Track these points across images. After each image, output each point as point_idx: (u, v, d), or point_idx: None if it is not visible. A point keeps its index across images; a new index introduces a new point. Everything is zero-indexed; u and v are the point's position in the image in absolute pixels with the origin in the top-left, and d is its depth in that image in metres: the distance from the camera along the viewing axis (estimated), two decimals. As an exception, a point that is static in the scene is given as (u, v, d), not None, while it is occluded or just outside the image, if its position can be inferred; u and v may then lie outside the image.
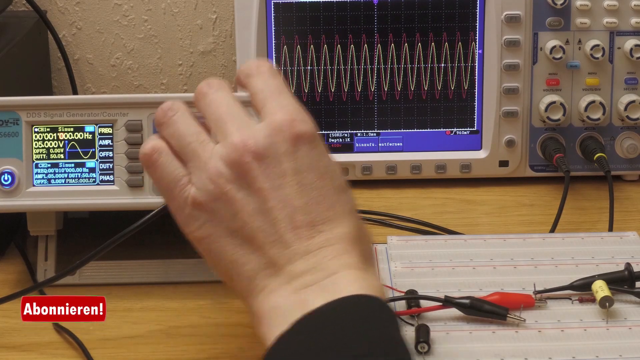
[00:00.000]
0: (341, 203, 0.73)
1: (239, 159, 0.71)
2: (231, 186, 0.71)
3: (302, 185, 0.71)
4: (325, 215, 0.71)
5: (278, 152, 0.72)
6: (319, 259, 0.70)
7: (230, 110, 0.75)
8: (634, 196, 1.15)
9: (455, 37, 1.16)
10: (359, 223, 0.74)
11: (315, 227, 0.71)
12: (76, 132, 0.94)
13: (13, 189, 0.93)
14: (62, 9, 1.32)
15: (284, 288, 0.69)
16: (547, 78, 1.15)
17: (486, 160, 1.17)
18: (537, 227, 1.08)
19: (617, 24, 1.14)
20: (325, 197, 0.72)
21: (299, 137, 0.72)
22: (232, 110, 0.75)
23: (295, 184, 0.71)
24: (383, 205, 1.13)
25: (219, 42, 1.34)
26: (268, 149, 0.72)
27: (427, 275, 0.90)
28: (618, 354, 0.78)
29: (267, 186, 0.71)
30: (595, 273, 0.86)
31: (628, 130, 1.16)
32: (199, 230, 0.73)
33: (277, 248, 0.70)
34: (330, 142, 1.18)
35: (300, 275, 0.69)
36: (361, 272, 0.70)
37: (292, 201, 0.71)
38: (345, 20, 1.15)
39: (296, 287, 0.68)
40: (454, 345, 0.79)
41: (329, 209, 0.72)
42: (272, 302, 0.69)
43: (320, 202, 0.72)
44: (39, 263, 0.97)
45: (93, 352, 0.84)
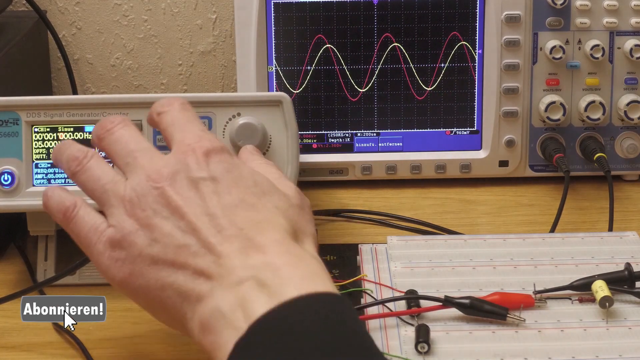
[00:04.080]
0: (263, 202, 0.71)
1: (153, 185, 0.71)
2: (147, 213, 0.71)
3: (217, 194, 0.71)
4: (245, 215, 0.70)
5: (189, 168, 0.72)
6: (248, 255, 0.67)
7: (140, 146, 0.75)
8: (633, 196, 1.15)
9: (455, 37, 1.16)
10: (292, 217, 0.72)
11: (236, 226, 0.69)
12: (76, 132, 0.94)
13: (13, 189, 0.93)
14: (62, 9, 1.32)
15: (218, 290, 0.66)
16: (547, 78, 1.15)
17: (486, 160, 1.17)
18: (537, 227, 1.08)
19: (617, 24, 1.14)
20: (243, 200, 0.71)
21: (208, 152, 0.73)
22: (141, 145, 0.75)
23: (210, 193, 0.71)
24: (383, 205, 1.13)
25: (218, 42, 1.34)
26: (179, 170, 0.72)
27: (427, 275, 0.90)
28: (618, 354, 0.78)
29: (182, 202, 0.70)
30: (595, 273, 0.86)
31: (628, 130, 1.16)
32: (121, 270, 0.71)
33: (202, 256, 0.68)
34: (330, 142, 1.18)
35: (231, 273, 0.67)
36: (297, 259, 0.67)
37: (209, 209, 0.70)
38: (345, 20, 1.15)
39: (230, 284, 0.66)
40: (454, 345, 0.79)
41: (249, 208, 0.71)
42: (211, 306, 0.66)
43: (238, 205, 0.70)
44: (38, 263, 0.97)
45: (93, 352, 0.84)
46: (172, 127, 0.76)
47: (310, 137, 1.18)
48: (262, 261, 0.66)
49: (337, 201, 1.15)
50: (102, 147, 0.77)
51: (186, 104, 0.79)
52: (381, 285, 0.89)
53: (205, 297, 0.67)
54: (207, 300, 0.67)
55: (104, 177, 0.74)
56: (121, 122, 0.77)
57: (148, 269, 0.70)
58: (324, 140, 1.18)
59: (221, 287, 0.66)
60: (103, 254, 0.72)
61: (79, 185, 0.76)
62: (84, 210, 0.75)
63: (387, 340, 0.81)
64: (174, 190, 0.71)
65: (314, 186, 1.17)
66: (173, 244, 0.69)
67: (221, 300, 0.65)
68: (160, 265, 0.70)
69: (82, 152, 0.77)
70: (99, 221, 0.74)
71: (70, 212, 0.75)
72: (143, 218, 0.71)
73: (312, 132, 1.18)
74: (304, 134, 1.17)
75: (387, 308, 0.85)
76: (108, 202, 0.73)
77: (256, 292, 0.64)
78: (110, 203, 0.73)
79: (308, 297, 0.63)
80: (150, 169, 0.72)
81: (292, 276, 0.65)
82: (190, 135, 0.74)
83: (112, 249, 0.72)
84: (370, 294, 0.88)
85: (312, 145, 1.18)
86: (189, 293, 0.68)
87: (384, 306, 0.85)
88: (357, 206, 1.13)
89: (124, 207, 0.72)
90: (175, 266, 0.69)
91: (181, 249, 0.69)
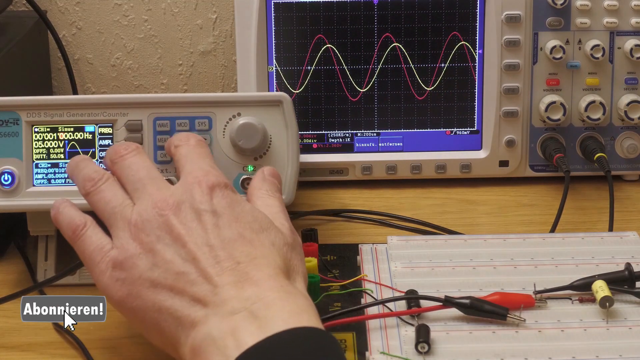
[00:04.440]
0: (260, 239, 0.75)
1: (159, 212, 0.75)
2: (150, 239, 0.75)
3: (218, 227, 0.75)
4: (243, 249, 0.74)
5: (194, 200, 0.76)
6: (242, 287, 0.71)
7: (150, 174, 0.80)
8: (634, 196, 1.15)
9: (456, 37, 1.16)
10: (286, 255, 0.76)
11: (234, 259, 0.73)
12: (76, 132, 0.94)
13: (13, 189, 0.93)
14: (62, 8, 1.32)
15: (212, 318, 0.70)
16: (547, 78, 1.15)
17: (486, 160, 1.17)
18: (537, 227, 1.08)
19: (617, 24, 1.14)
20: (242, 235, 0.75)
21: (213, 187, 0.77)
22: (152, 174, 0.80)
23: (211, 225, 0.75)
24: (383, 205, 1.13)
25: (219, 42, 1.34)
26: (184, 199, 0.76)
27: (427, 275, 0.90)
28: (618, 354, 0.78)
29: (184, 232, 0.74)
30: (595, 273, 0.86)
31: (628, 130, 1.16)
32: (121, 289, 0.75)
33: (199, 284, 0.72)
34: (330, 142, 1.18)
35: (225, 303, 0.70)
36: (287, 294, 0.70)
37: (210, 241, 0.74)
38: (346, 20, 1.15)
39: (224, 314, 0.69)
40: (454, 345, 0.79)
41: (247, 244, 0.74)
42: (204, 332, 0.69)
43: (237, 239, 0.74)
44: (39, 263, 0.97)
45: (93, 352, 0.84)
46: (184, 159, 0.81)
47: (310, 137, 1.18)
48: (255, 295, 0.70)
49: (337, 201, 1.15)
50: (114, 171, 0.82)
51: (202, 141, 0.85)
52: (381, 285, 0.89)
53: (200, 323, 0.70)
54: (201, 327, 0.70)
55: (114, 200, 0.79)
56: (135, 149, 0.82)
57: (146, 292, 0.74)
58: (324, 140, 1.18)
59: (215, 315, 0.69)
60: (104, 273, 0.76)
61: (90, 204, 0.81)
62: (92, 230, 0.79)
63: (387, 340, 0.81)
64: (177, 220, 0.75)
65: (314, 186, 1.17)
66: (173, 270, 0.73)
67: (214, 327, 0.69)
68: (159, 289, 0.73)
69: (99, 174, 0.81)
70: (104, 242, 0.78)
71: (80, 231, 0.79)
72: (147, 243, 0.75)
73: (313, 132, 1.18)
74: (304, 134, 1.17)
75: (387, 308, 0.85)
76: (115, 224, 0.77)
77: (247, 323, 0.68)
78: (117, 225, 0.77)
79: (294, 331, 0.67)
80: (157, 197, 0.77)
81: (282, 311, 0.69)
82: (199, 169, 0.79)
83: (113, 269, 0.76)
84: (371, 294, 0.88)
85: (312, 145, 1.18)
86: (184, 318, 0.71)
87: (384, 306, 0.85)
88: (358, 206, 1.13)
89: (129, 230, 0.76)
90: (174, 291, 0.72)
91: (180, 275, 0.73)
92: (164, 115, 0.93)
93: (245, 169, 0.94)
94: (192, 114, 0.94)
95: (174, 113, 0.93)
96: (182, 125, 0.93)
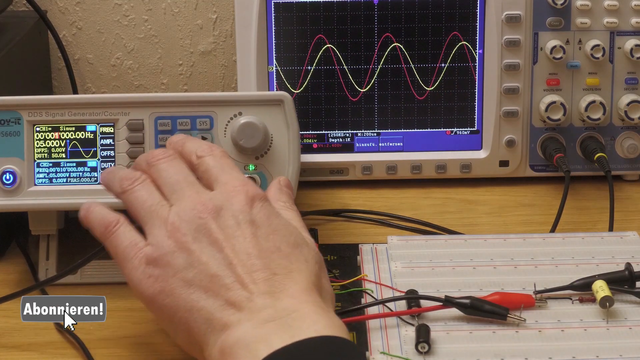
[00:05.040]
0: (296, 254, 0.75)
1: (197, 215, 0.76)
2: (187, 238, 0.75)
3: (256, 237, 0.75)
4: (279, 262, 0.74)
5: (234, 208, 0.76)
6: (278, 298, 0.71)
7: (188, 179, 0.80)
8: (634, 196, 1.15)
9: (456, 37, 1.16)
10: (318, 273, 0.76)
11: (271, 270, 0.73)
12: (78, 132, 0.94)
13: (14, 188, 0.93)
14: (62, 8, 1.32)
15: (246, 323, 0.70)
16: (548, 78, 1.15)
17: (486, 160, 1.17)
18: (538, 227, 1.08)
19: (618, 23, 1.14)
20: (279, 248, 0.75)
21: (253, 197, 0.77)
22: (189, 179, 0.80)
23: (250, 235, 0.75)
24: (383, 205, 1.13)
25: (219, 42, 1.34)
26: (224, 206, 0.76)
27: (428, 275, 0.90)
28: (618, 354, 0.78)
29: (222, 237, 0.74)
30: (595, 273, 0.87)
31: (628, 130, 1.17)
32: (153, 286, 0.75)
33: (235, 289, 0.72)
34: (330, 142, 1.18)
35: (260, 310, 0.70)
36: (322, 310, 0.71)
37: (248, 249, 0.74)
38: (346, 20, 1.16)
39: (259, 321, 0.70)
40: (455, 345, 0.79)
41: (284, 257, 0.74)
42: (236, 336, 0.70)
43: (274, 252, 0.74)
44: (40, 262, 0.97)
45: (93, 352, 0.84)
46: (216, 169, 0.81)
47: (310, 137, 1.18)
48: (291, 306, 0.70)
49: (337, 201, 1.15)
50: (151, 174, 0.82)
51: (226, 152, 0.84)
52: (381, 285, 0.89)
53: (232, 327, 0.70)
54: (233, 331, 0.70)
55: (150, 199, 0.79)
56: (172, 154, 0.83)
57: (180, 290, 0.74)
58: (325, 140, 1.18)
59: (249, 321, 0.70)
60: (137, 269, 0.76)
61: (126, 203, 0.81)
62: (125, 227, 0.79)
63: (387, 340, 0.81)
64: (216, 224, 0.75)
65: (314, 186, 1.17)
66: (208, 272, 0.73)
67: (247, 332, 0.69)
68: (193, 289, 0.73)
69: (135, 174, 0.82)
70: (138, 239, 0.78)
71: (112, 227, 0.79)
72: (183, 242, 0.75)
73: (313, 132, 1.18)
74: (304, 134, 1.17)
75: (387, 308, 0.85)
76: (150, 222, 0.78)
77: (280, 331, 0.68)
78: (152, 223, 0.77)
79: (324, 338, 0.68)
80: (196, 200, 0.77)
81: (317, 323, 0.69)
82: (236, 179, 0.79)
83: (147, 265, 0.76)
84: (371, 294, 0.88)
85: (312, 145, 1.18)
86: (216, 321, 0.72)
87: (384, 306, 0.85)
88: (358, 206, 1.13)
89: (165, 228, 0.76)
90: (208, 293, 0.73)
91: (215, 278, 0.73)
92: (165, 115, 0.93)
93: (247, 168, 0.94)
94: (194, 113, 0.94)
95: (175, 112, 0.94)
96: (183, 124, 0.93)
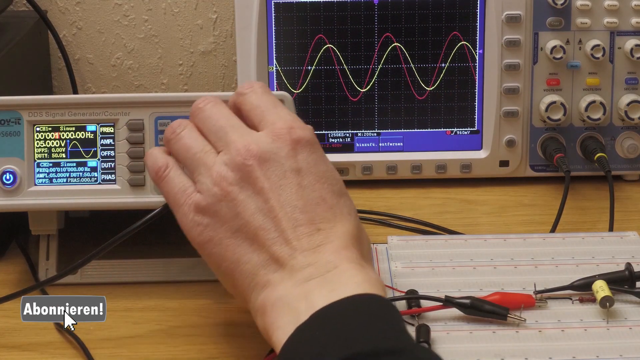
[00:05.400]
0: (340, 206, 0.76)
1: (242, 161, 0.75)
2: (234, 187, 0.75)
3: (302, 187, 0.75)
4: (324, 215, 0.75)
5: (279, 155, 0.75)
6: (319, 254, 0.72)
7: (230, 122, 0.79)
8: (634, 196, 1.15)
9: (456, 37, 1.16)
10: (358, 224, 0.77)
11: (315, 225, 0.74)
12: (78, 132, 0.94)
13: (15, 188, 0.93)
14: (62, 8, 1.32)
15: (287, 282, 0.72)
16: (548, 78, 1.15)
17: (486, 160, 1.17)
18: (538, 227, 1.08)
19: (618, 23, 1.14)
20: (324, 199, 0.75)
21: (298, 141, 0.76)
22: (232, 122, 0.79)
23: (295, 185, 0.75)
24: (383, 205, 1.13)
25: (219, 42, 1.34)
26: (269, 152, 0.75)
27: (428, 275, 0.90)
28: (618, 354, 0.78)
29: (268, 186, 0.74)
30: (595, 273, 0.86)
31: (628, 130, 1.17)
32: (202, 234, 0.76)
33: (279, 245, 0.73)
34: (330, 142, 1.18)
35: (302, 269, 0.72)
36: (360, 267, 0.73)
37: (293, 201, 0.74)
38: (346, 20, 1.16)
39: (299, 280, 0.71)
40: (455, 345, 0.79)
41: (328, 210, 0.75)
42: (277, 294, 0.71)
43: (320, 203, 0.75)
44: (40, 262, 0.97)
45: (94, 352, 0.84)
46: (260, 109, 0.80)
47: (310, 137, 1.18)
48: (332, 263, 0.72)
49: (337, 201, 1.14)
50: (195, 123, 0.81)
51: (267, 87, 0.83)
52: (382, 285, 0.89)
53: (274, 285, 0.72)
54: (275, 288, 0.72)
55: (196, 146, 0.79)
56: (212, 100, 0.82)
57: (227, 241, 0.75)
58: (325, 140, 1.18)
59: (290, 279, 0.71)
60: (187, 216, 0.77)
61: (173, 153, 0.81)
62: (175, 172, 0.80)
63: (388, 339, 0.81)
64: (262, 172, 0.75)
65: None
66: (254, 224, 0.74)
67: (288, 292, 0.71)
68: (240, 240, 0.74)
69: (179, 123, 0.81)
70: (187, 184, 0.78)
71: (162, 172, 0.80)
72: (229, 191, 0.75)
73: (313, 132, 1.18)
74: (304, 134, 1.17)
75: (387, 308, 0.85)
76: (197, 170, 0.78)
77: (320, 288, 0.70)
78: (199, 171, 0.77)
79: (362, 296, 0.69)
80: (241, 144, 0.76)
81: (354, 279, 0.71)
82: (282, 120, 0.78)
83: (195, 213, 0.76)
84: (371, 294, 0.88)
85: (312, 145, 1.18)
86: (260, 277, 0.73)
87: (384, 306, 0.85)
88: (358, 206, 1.11)
89: (211, 176, 0.76)
90: (254, 245, 0.74)
91: (261, 231, 0.74)
92: (166, 115, 0.93)
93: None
94: (194, 113, 0.94)
95: (176, 112, 0.93)
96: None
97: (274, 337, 0.70)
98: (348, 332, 0.66)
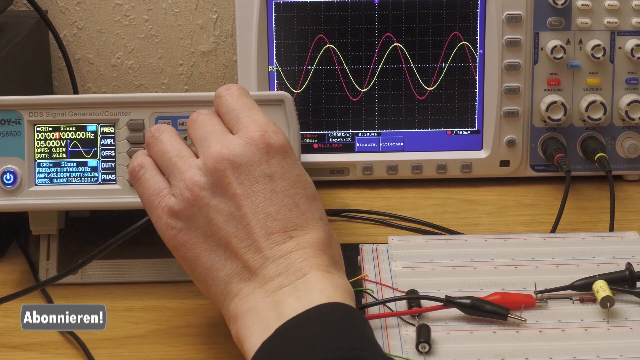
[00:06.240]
0: (312, 211, 0.77)
1: (214, 166, 0.76)
2: (206, 193, 0.75)
3: (275, 193, 0.76)
4: (296, 222, 0.75)
5: (252, 160, 0.76)
6: (290, 262, 0.73)
7: (214, 129, 0.79)
8: (634, 196, 1.15)
9: (456, 37, 1.16)
10: (329, 229, 0.78)
11: (287, 233, 0.75)
12: (78, 132, 0.94)
13: (15, 188, 0.93)
14: (62, 8, 1.32)
15: (259, 291, 0.73)
16: (548, 78, 1.15)
17: (487, 160, 1.17)
18: (538, 227, 1.08)
19: (618, 23, 1.14)
20: (297, 205, 0.76)
21: (271, 147, 0.77)
22: (215, 128, 0.79)
23: (268, 192, 0.75)
24: (384, 205, 1.13)
25: (219, 42, 1.34)
26: (242, 156, 0.76)
27: (428, 275, 0.90)
28: (619, 354, 0.78)
29: (240, 192, 0.75)
30: (596, 273, 0.87)
31: (629, 130, 1.17)
32: (176, 238, 0.77)
33: (251, 253, 0.74)
34: (331, 142, 1.18)
35: (273, 279, 0.73)
36: (329, 274, 0.74)
37: (265, 208, 0.75)
38: (346, 20, 1.16)
39: (269, 290, 0.72)
40: (455, 345, 0.79)
41: (300, 216, 0.76)
42: (248, 305, 0.73)
43: (292, 209, 0.76)
44: (41, 262, 0.97)
45: (94, 352, 0.84)
46: (235, 112, 0.80)
47: (311, 137, 1.18)
48: (300, 271, 0.73)
49: (338, 201, 1.15)
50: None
51: (244, 89, 0.83)
52: (382, 285, 0.89)
53: (246, 295, 0.73)
54: (247, 298, 0.73)
55: (172, 150, 0.79)
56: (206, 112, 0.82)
57: (201, 246, 0.75)
58: (325, 140, 1.18)
59: (262, 290, 0.73)
60: (161, 219, 0.77)
61: (152, 156, 0.81)
62: (150, 173, 0.80)
63: (388, 340, 0.81)
64: (234, 177, 0.75)
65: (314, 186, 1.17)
66: (227, 230, 0.75)
67: (259, 302, 0.72)
68: (214, 245, 0.75)
69: (157, 127, 0.82)
70: (162, 186, 0.79)
71: (137, 172, 0.80)
72: (202, 197, 0.75)
73: (313, 132, 1.18)
74: (305, 134, 1.17)
75: (388, 308, 0.85)
76: (172, 174, 0.78)
77: (288, 297, 0.71)
78: (174, 174, 0.78)
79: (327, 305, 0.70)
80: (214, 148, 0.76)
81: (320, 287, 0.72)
82: (255, 124, 0.78)
83: (169, 216, 0.77)
84: (371, 294, 0.88)
85: (313, 145, 1.18)
86: (232, 286, 0.74)
87: (384, 306, 0.85)
88: (358, 206, 1.13)
89: (184, 180, 0.76)
90: (227, 252, 0.75)
91: (234, 238, 0.74)
92: (166, 115, 0.93)
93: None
94: (194, 113, 0.94)
95: (176, 112, 0.94)
96: (183, 124, 0.93)
97: (245, 346, 0.72)
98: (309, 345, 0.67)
